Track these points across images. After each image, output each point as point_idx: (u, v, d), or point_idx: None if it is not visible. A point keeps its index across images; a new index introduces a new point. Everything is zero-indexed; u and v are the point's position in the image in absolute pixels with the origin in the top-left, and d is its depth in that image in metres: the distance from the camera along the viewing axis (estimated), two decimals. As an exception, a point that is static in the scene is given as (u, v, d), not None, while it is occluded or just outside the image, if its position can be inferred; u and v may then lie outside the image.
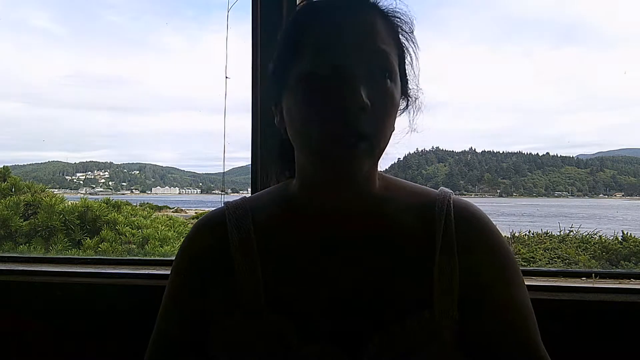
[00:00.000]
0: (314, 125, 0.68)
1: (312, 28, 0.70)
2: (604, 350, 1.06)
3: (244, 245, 0.76)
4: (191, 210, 5.07)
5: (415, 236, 0.75)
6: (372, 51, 0.68)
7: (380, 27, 0.71)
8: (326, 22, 0.70)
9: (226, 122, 1.46)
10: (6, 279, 1.36)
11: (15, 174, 4.27)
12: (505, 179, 4.48)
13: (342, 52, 0.67)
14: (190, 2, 4.61)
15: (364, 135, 0.67)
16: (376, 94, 0.68)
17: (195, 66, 4.35)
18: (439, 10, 3.39)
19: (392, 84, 0.70)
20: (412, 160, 4.45)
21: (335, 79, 0.67)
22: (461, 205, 0.78)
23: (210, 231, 0.80)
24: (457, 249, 0.74)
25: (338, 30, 0.68)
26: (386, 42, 0.71)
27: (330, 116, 0.67)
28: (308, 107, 0.69)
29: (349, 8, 0.71)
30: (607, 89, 3.49)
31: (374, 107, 0.67)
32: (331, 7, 0.72)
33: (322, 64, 0.68)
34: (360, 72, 0.67)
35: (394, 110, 0.72)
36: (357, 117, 0.66)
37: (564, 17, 3.02)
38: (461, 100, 3.22)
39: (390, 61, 0.70)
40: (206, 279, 0.78)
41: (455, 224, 0.75)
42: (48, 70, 4.67)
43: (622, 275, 1.22)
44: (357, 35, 0.68)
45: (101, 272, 1.35)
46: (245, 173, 1.60)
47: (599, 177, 4.44)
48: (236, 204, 0.82)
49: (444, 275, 0.72)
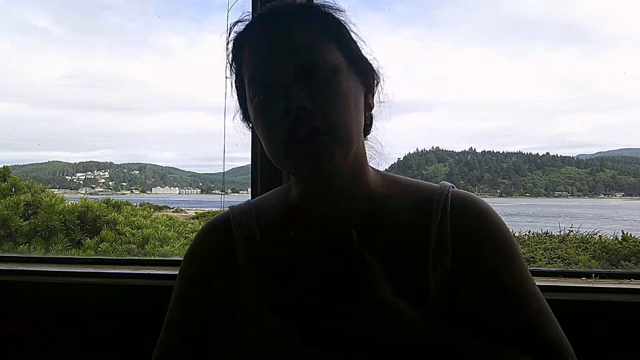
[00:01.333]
0: (269, 140, 0.73)
1: (242, 56, 0.77)
2: (604, 350, 1.06)
3: (249, 248, 0.78)
4: (191, 210, 5.07)
5: (412, 231, 0.76)
6: (294, 52, 0.71)
7: (301, 26, 0.74)
8: (249, 47, 0.76)
9: (226, 122, 1.46)
10: (6, 279, 1.37)
11: (15, 174, 4.27)
12: (505, 179, 4.48)
13: (268, 68, 0.72)
14: (190, 2, 4.62)
15: (317, 129, 0.69)
16: (314, 89, 0.70)
17: (195, 66, 4.36)
18: (438, 10, 3.40)
19: (329, 72, 0.72)
20: (412, 160, 4.45)
21: (270, 93, 0.71)
22: (460, 195, 0.79)
23: (217, 235, 0.83)
24: (452, 238, 0.74)
25: (259, 50, 0.74)
26: (311, 37, 0.73)
27: (277, 126, 0.71)
28: (260, 126, 0.74)
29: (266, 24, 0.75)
30: (607, 88, 3.49)
31: (317, 101, 0.70)
32: (251, 29, 0.77)
33: (256, 86, 0.74)
34: (290, 76, 0.70)
35: (343, 96, 0.72)
36: (301, 116, 0.69)
37: (564, 17, 3.02)
38: (461, 100, 3.22)
39: (320, 53, 0.72)
40: (212, 282, 0.79)
41: (452, 214, 0.76)
42: (48, 71, 4.68)
43: (622, 275, 1.22)
44: (278, 45, 0.73)
45: (101, 272, 1.35)
46: (245, 173, 1.60)
47: (599, 177, 4.45)
48: (241, 208, 0.84)
49: (439, 273, 0.73)
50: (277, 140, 0.72)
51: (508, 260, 0.74)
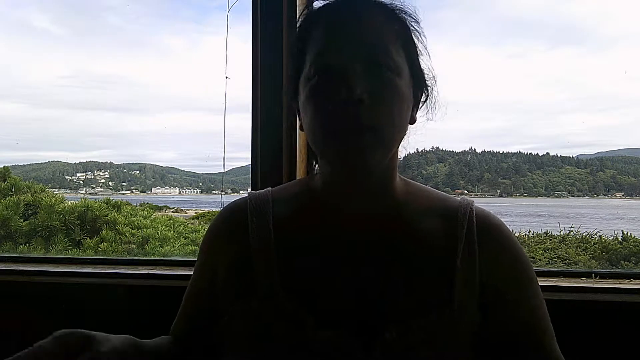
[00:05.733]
0: (318, 124, 0.72)
1: (312, 33, 0.75)
2: (604, 350, 1.06)
3: (261, 234, 0.78)
4: (191, 211, 5.07)
5: (436, 239, 0.77)
6: (368, 47, 0.71)
7: (378, 23, 0.74)
8: (323, 26, 0.75)
9: (226, 122, 1.46)
10: (6, 279, 1.37)
11: (15, 174, 4.27)
12: (505, 179, 4.47)
13: (337, 52, 0.71)
14: (190, 3, 4.62)
15: (368, 127, 0.69)
16: (376, 87, 0.70)
17: (195, 66, 4.35)
18: (437, 11, 3.40)
19: (393, 75, 0.72)
20: (412, 160, 4.45)
21: (331, 78, 0.70)
22: (483, 214, 0.81)
23: (232, 219, 0.84)
24: (479, 255, 0.76)
25: (334, 32, 0.73)
26: (384, 36, 0.73)
27: (330, 113, 0.70)
28: (312, 107, 0.73)
29: (346, 10, 0.75)
30: (607, 88, 3.49)
31: (375, 99, 0.69)
32: (329, 10, 0.76)
33: (320, 66, 0.72)
34: (356, 68, 0.70)
35: (400, 101, 0.73)
36: (356, 110, 0.68)
37: (563, 17, 3.02)
38: (461, 100, 3.22)
39: (390, 54, 0.72)
40: (225, 268, 0.80)
41: (478, 232, 0.77)
42: (48, 71, 4.67)
43: (622, 275, 1.22)
44: (352, 34, 0.72)
45: (101, 272, 1.35)
46: (245, 173, 1.60)
47: (599, 177, 4.44)
48: (259, 194, 0.85)
49: (465, 280, 0.74)
50: (325, 126, 0.71)
51: (526, 284, 0.78)
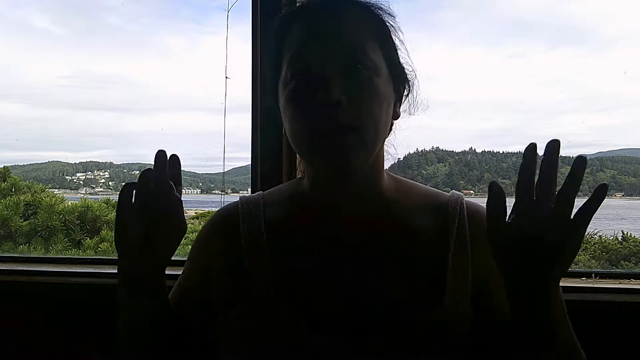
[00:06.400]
0: (299, 127, 0.72)
1: (287, 36, 0.75)
2: (604, 351, 1.06)
3: (254, 239, 0.78)
4: (191, 211, 5.06)
5: (428, 236, 0.77)
6: (344, 47, 0.71)
7: (353, 22, 0.73)
8: (298, 28, 0.74)
9: (226, 122, 1.46)
10: (6, 279, 1.37)
11: (15, 174, 4.27)
12: (505, 179, 4.48)
13: (313, 55, 0.71)
14: (190, 3, 4.62)
15: (349, 128, 0.69)
16: (354, 88, 0.70)
17: (195, 66, 4.35)
18: (437, 11, 3.40)
19: (371, 74, 0.71)
20: (412, 160, 4.44)
21: (309, 81, 0.70)
22: (474, 207, 0.80)
23: (224, 224, 0.84)
24: (471, 250, 0.75)
25: (308, 35, 0.73)
26: (360, 35, 0.73)
27: (310, 116, 0.70)
28: (292, 111, 0.72)
29: (320, 11, 0.75)
30: (607, 88, 3.49)
31: (354, 101, 0.69)
32: (303, 12, 0.76)
33: (297, 69, 0.72)
34: (333, 70, 0.70)
35: (379, 100, 0.72)
36: (335, 112, 0.68)
37: (563, 17, 3.02)
38: (461, 100, 3.21)
39: (366, 53, 0.72)
40: (218, 271, 0.80)
41: (469, 225, 0.77)
42: (48, 71, 4.67)
43: (622, 275, 1.22)
44: (327, 35, 0.72)
45: (101, 272, 1.35)
46: (245, 173, 1.60)
47: (599, 177, 4.44)
48: (250, 198, 0.85)
49: (457, 275, 0.74)
50: (305, 129, 0.71)
51: None
